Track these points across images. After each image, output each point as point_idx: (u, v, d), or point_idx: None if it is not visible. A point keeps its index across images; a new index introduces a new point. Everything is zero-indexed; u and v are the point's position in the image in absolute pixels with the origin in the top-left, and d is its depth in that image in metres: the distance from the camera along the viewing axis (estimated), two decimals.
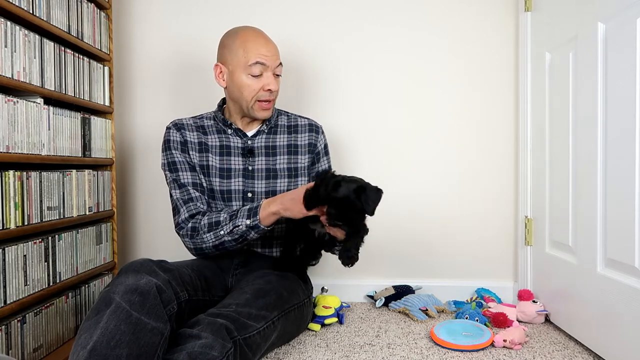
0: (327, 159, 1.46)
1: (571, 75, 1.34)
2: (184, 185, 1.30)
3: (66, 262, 1.34)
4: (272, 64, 1.29)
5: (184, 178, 1.31)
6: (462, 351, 1.25)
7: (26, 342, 1.16)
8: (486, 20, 1.71)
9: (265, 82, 1.29)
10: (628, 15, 1.08)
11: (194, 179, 1.32)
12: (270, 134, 1.39)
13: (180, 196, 1.29)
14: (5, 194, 1.10)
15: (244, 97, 1.29)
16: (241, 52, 1.27)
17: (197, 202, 1.29)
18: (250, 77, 1.28)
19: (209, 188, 1.34)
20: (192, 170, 1.33)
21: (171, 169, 1.32)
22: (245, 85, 1.28)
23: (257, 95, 1.29)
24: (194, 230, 1.24)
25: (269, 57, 1.28)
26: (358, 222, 1.10)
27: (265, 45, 1.29)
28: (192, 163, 1.34)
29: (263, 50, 1.27)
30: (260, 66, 1.27)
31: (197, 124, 1.39)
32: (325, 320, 1.45)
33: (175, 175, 1.31)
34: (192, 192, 1.30)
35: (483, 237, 1.73)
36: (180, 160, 1.33)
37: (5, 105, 1.11)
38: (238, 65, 1.28)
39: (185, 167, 1.33)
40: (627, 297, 1.09)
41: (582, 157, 1.27)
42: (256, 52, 1.27)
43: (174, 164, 1.32)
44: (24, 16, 1.18)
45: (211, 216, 1.23)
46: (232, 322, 0.97)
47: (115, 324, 0.85)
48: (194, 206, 1.28)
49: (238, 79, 1.28)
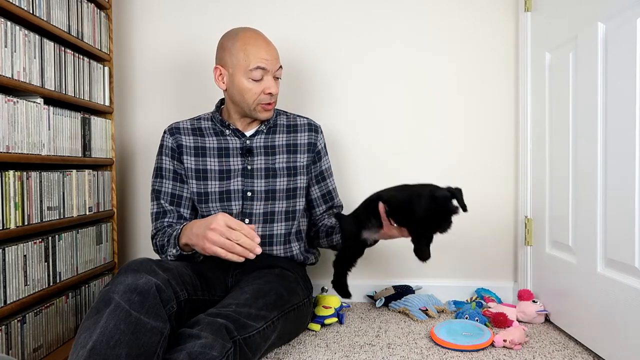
0: (327, 159, 1.48)
1: (571, 75, 1.33)
2: (158, 197, 1.35)
3: (66, 262, 1.34)
4: (273, 68, 1.30)
5: (165, 186, 1.36)
6: (462, 351, 1.25)
7: (26, 342, 1.16)
8: (486, 20, 1.71)
9: (266, 86, 1.29)
10: (628, 15, 1.08)
11: (173, 189, 1.36)
12: (269, 134, 1.39)
13: (154, 209, 1.36)
14: (5, 194, 1.10)
15: (246, 100, 1.30)
16: (242, 56, 1.27)
17: (165, 217, 1.34)
18: (252, 81, 1.28)
19: (204, 192, 1.34)
20: (174, 180, 1.36)
21: (156, 174, 1.37)
22: (246, 89, 1.28)
23: (259, 99, 1.30)
24: (156, 247, 1.31)
25: (269, 60, 1.28)
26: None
27: (265, 48, 1.29)
28: (180, 171, 1.36)
29: (264, 54, 1.28)
30: (261, 71, 1.27)
31: (194, 126, 1.39)
32: (325, 320, 1.45)
33: (159, 182, 1.36)
34: (164, 205, 1.35)
35: (483, 237, 1.73)
36: (166, 168, 1.37)
37: (5, 105, 1.11)
38: (238, 69, 1.28)
39: (169, 176, 1.36)
40: (627, 297, 1.08)
41: (582, 157, 1.27)
42: (257, 56, 1.27)
43: (160, 170, 1.37)
44: (24, 16, 1.18)
45: (163, 238, 1.27)
46: (232, 322, 0.97)
47: (114, 323, 0.85)
48: (160, 224, 1.33)
49: (239, 83, 1.29)
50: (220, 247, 1.08)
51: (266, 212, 1.35)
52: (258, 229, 1.34)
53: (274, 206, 1.36)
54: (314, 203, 1.47)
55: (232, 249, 1.07)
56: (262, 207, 1.35)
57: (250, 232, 1.09)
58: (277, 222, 1.36)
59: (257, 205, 1.34)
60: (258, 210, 1.34)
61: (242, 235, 1.08)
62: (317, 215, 1.48)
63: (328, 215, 1.48)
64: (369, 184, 1.72)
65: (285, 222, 1.37)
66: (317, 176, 1.45)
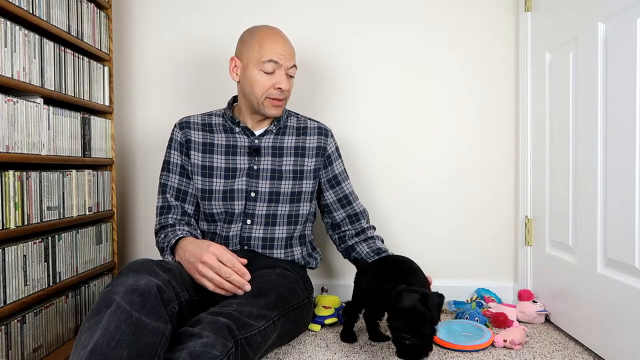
0: (340, 162, 1.46)
1: (571, 75, 1.34)
2: (165, 191, 1.36)
3: (66, 262, 1.34)
4: (286, 64, 1.30)
5: (171, 180, 1.36)
6: (462, 351, 1.25)
7: (26, 342, 1.16)
8: (486, 20, 1.71)
9: (276, 80, 1.29)
10: (628, 15, 1.08)
11: (179, 183, 1.36)
12: (279, 135, 1.39)
13: (159, 203, 1.36)
14: (5, 194, 1.10)
15: (255, 92, 1.30)
16: (257, 48, 1.28)
17: (169, 213, 1.34)
18: (263, 73, 1.28)
19: (208, 189, 1.34)
20: (181, 175, 1.36)
21: (163, 167, 1.38)
22: (256, 81, 1.29)
23: (268, 93, 1.29)
24: (158, 246, 1.32)
25: (283, 55, 1.29)
26: (424, 332, 1.01)
27: (281, 44, 1.30)
28: (187, 167, 1.36)
29: (278, 48, 1.28)
30: (273, 64, 1.28)
31: (204, 121, 1.39)
32: (325, 320, 1.45)
33: (165, 175, 1.37)
34: (170, 199, 1.35)
35: (483, 237, 1.73)
36: (174, 162, 1.37)
37: (5, 105, 1.11)
38: (252, 61, 1.29)
39: (176, 170, 1.37)
40: (627, 297, 1.09)
41: (582, 157, 1.27)
42: (271, 50, 1.28)
43: (168, 163, 1.38)
44: (24, 16, 1.18)
45: (163, 241, 1.27)
46: (233, 321, 0.97)
47: (115, 324, 0.84)
48: (164, 219, 1.33)
49: (250, 74, 1.29)
50: (210, 281, 1.11)
51: (268, 214, 1.34)
52: (259, 230, 1.34)
53: (277, 209, 1.35)
54: (331, 208, 1.44)
55: (222, 285, 1.10)
56: (264, 209, 1.34)
57: (241, 269, 1.12)
58: (279, 225, 1.35)
59: (260, 206, 1.34)
60: (260, 212, 1.34)
61: (233, 272, 1.10)
62: (337, 221, 1.44)
63: (356, 234, 1.43)
64: (370, 183, 1.72)
65: (288, 225, 1.36)
66: (331, 180, 1.43)
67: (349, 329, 1.32)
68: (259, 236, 1.34)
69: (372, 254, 1.37)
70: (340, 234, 1.45)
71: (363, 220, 1.45)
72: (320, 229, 1.74)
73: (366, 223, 1.45)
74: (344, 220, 1.44)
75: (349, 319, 1.31)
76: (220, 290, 1.11)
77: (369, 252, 1.38)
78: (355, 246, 1.42)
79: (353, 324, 1.32)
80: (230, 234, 1.33)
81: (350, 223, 1.44)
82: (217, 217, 1.35)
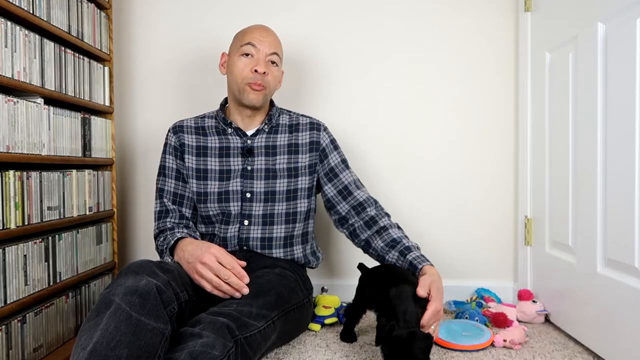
0: (337, 153, 1.42)
1: (571, 75, 1.34)
2: (162, 195, 1.37)
3: (66, 262, 1.34)
4: (264, 49, 1.31)
5: (168, 185, 1.37)
6: (462, 351, 1.25)
7: (26, 342, 1.16)
8: (486, 20, 1.71)
9: (254, 64, 1.30)
10: (628, 15, 1.08)
11: (175, 188, 1.37)
12: (271, 134, 1.39)
13: (157, 208, 1.37)
14: (6, 194, 1.10)
15: (235, 79, 1.32)
16: (239, 37, 1.34)
17: (167, 217, 1.34)
18: (242, 57, 1.31)
19: (204, 192, 1.35)
20: (177, 179, 1.37)
21: (160, 172, 1.39)
22: (235, 65, 1.32)
23: (246, 77, 1.30)
24: (157, 250, 1.32)
25: (262, 41, 1.31)
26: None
27: (261, 31, 1.34)
28: (182, 170, 1.37)
29: (257, 34, 1.32)
30: (250, 47, 1.30)
31: (197, 124, 1.40)
32: (326, 320, 1.45)
33: (162, 180, 1.38)
34: (167, 204, 1.36)
35: (483, 237, 1.73)
36: (169, 166, 1.38)
37: (5, 105, 1.11)
38: (234, 49, 1.34)
39: (172, 174, 1.38)
40: (627, 297, 1.09)
41: (582, 157, 1.27)
42: (249, 35, 1.32)
43: (163, 168, 1.39)
44: (24, 16, 1.18)
45: (163, 244, 1.27)
46: (233, 321, 0.97)
47: (115, 325, 0.84)
48: (162, 224, 1.34)
49: (232, 63, 1.33)
50: (208, 282, 1.11)
51: (265, 213, 1.34)
52: (257, 231, 1.35)
53: (274, 208, 1.35)
54: (333, 201, 1.39)
55: (220, 287, 1.10)
56: (261, 209, 1.34)
57: (240, 272, 1.12)
58: (277, 224, 1.35)
59: (257, 206, 1.34)
60: (257, 212, 1.34)
61: (231, 274, 1.10)
62: (342, 214, 1.38)
63: (366, 224, 1.35)
64: (368, 186, 1.72)
65: (286, 224, 1.36)
66: (328, 174, 1.40)
67: (349, 329, 1.32)
68: (257, 236, 1.34)
69: (387, 248, 1.29)
70: (350, 227, 1.38)
71: (369, 208, 1.36)
72: (320, 229, 1.74)
73: (374, 210, 1.36)
74: (349, 212, 1.37)
75: (349, 319, 1.32)
76: (218, 292, 1.11)
77: (383, 247, 1.30)
78: (370, 241, 1.34)
79: (354, 324, 1.32)
80: (228, 235, 1.33)
81: (356, 214, 1.36)
82: (214, 219, 1.35)
